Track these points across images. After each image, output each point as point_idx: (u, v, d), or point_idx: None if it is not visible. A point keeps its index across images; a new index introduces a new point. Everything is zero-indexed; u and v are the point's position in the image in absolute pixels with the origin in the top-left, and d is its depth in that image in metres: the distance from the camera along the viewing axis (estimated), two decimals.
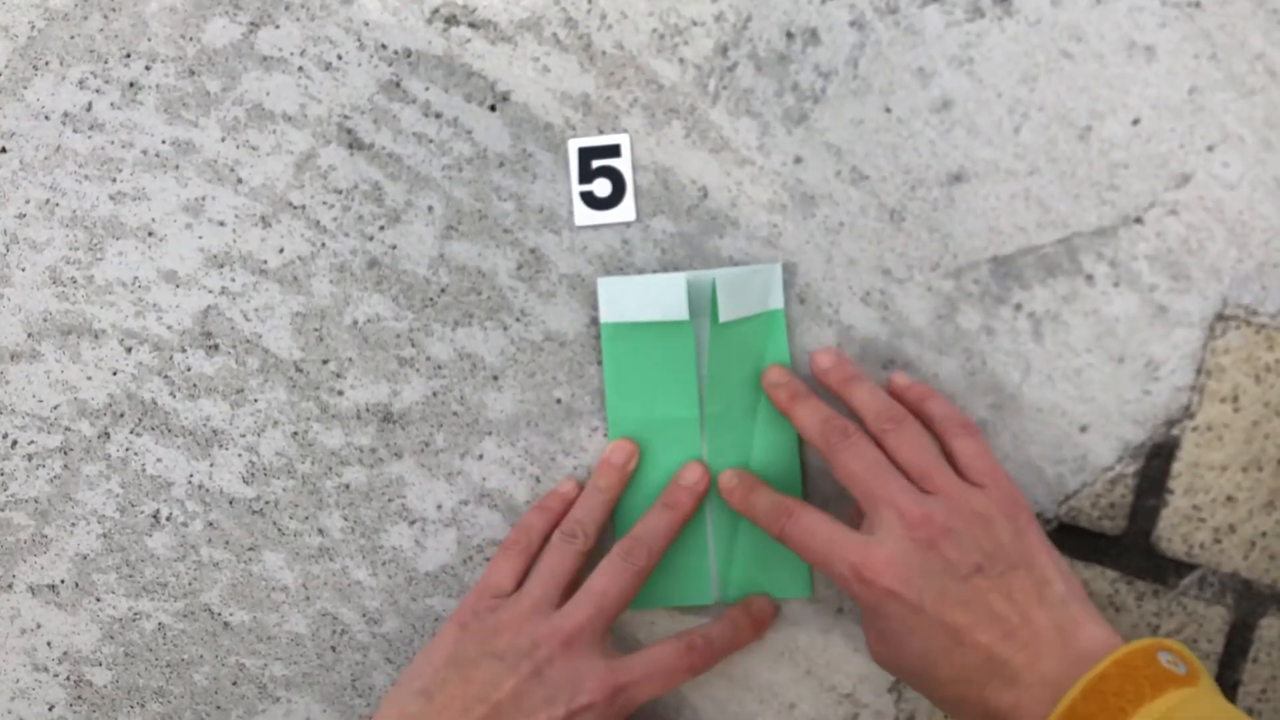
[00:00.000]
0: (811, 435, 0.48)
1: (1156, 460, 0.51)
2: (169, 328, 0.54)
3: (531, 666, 0.46)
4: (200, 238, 0.54)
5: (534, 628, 0.47)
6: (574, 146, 0.52)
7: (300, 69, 0.53)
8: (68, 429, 0.55)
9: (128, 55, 0.53)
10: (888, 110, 0.51)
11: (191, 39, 0.53)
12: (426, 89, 0.52)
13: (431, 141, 0.52)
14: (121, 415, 0.54)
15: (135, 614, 0.55)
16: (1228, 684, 0.51)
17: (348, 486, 0.54)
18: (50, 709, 0.56)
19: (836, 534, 0.45)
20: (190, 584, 0.55)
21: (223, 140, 0.53)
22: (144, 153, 0.53)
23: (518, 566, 0.51)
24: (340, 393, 0.54)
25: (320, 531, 0.54)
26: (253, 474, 0.54)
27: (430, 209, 0.53)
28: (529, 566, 0.51)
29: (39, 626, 0.56)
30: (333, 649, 0.55)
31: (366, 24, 0.52)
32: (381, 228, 0.53)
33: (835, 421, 0.47)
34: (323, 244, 0.53)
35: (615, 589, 0.48)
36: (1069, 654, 0.41)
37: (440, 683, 0.46)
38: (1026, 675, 0.41)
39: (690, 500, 0.51)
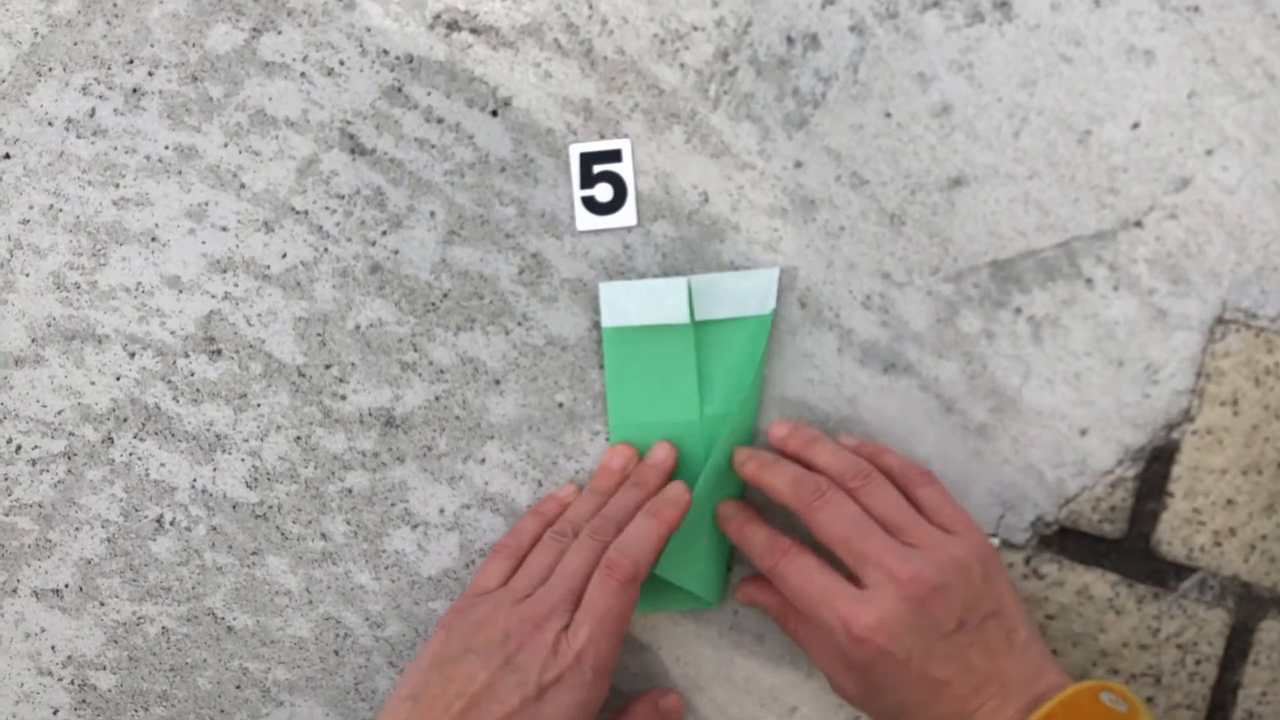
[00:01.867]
0: (786, 497, 0.48)
1: (1156, 464, 0.51)
2: (172, 333, 0.54)
3: (503, 656, 0.46)
4: (203, 243, 0.54)
5: (507, 619, 0.47)
6: (575, 151, 0.52)
7: (302, 75, 0.53)
8: (71, 434, 0.55)
9: (131, 61, 0.53)
10: (888, 115, 0.51)
11: (194, 45, 0.53)
12: (428, 94, 0.52)
13: (433, 147, 0.53)
14: (125, 420, 0.55)
15: (139, 618, 0.56)
16: (1227, 686, 0.51)
17: (350, 491, 0.54)
18: (55, 713, 0.57)
19: (831, 584, 0.46)
20: (194, 588, 0.55)
21: (225, 146, 0.53)
22: (147, 158, 0.54)
23: (505, 568, 0.51)
24: (343, 397, 0.54)
25: (323, 536, 0.54)
26: (256, 478, 0.54)
27: (432, 214, 0.53)
28: (517, 567, 0.51)
29: (43, 631, 0.56)
30: (336, 653, 0.55)
31: (368, 30, 0.53)
32: (384, 233, 0.53)
33: (807, 481, 0.48)
34: (325, 249, 0.53)
35: (584, 567, 0.48)
36: (1028, 699, 0.43)
37: (425, 685, 0.46)
38: None
39: (657, 477, 0.51)
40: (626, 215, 0.52)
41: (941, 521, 0.47)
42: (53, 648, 0.56)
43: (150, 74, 0.53)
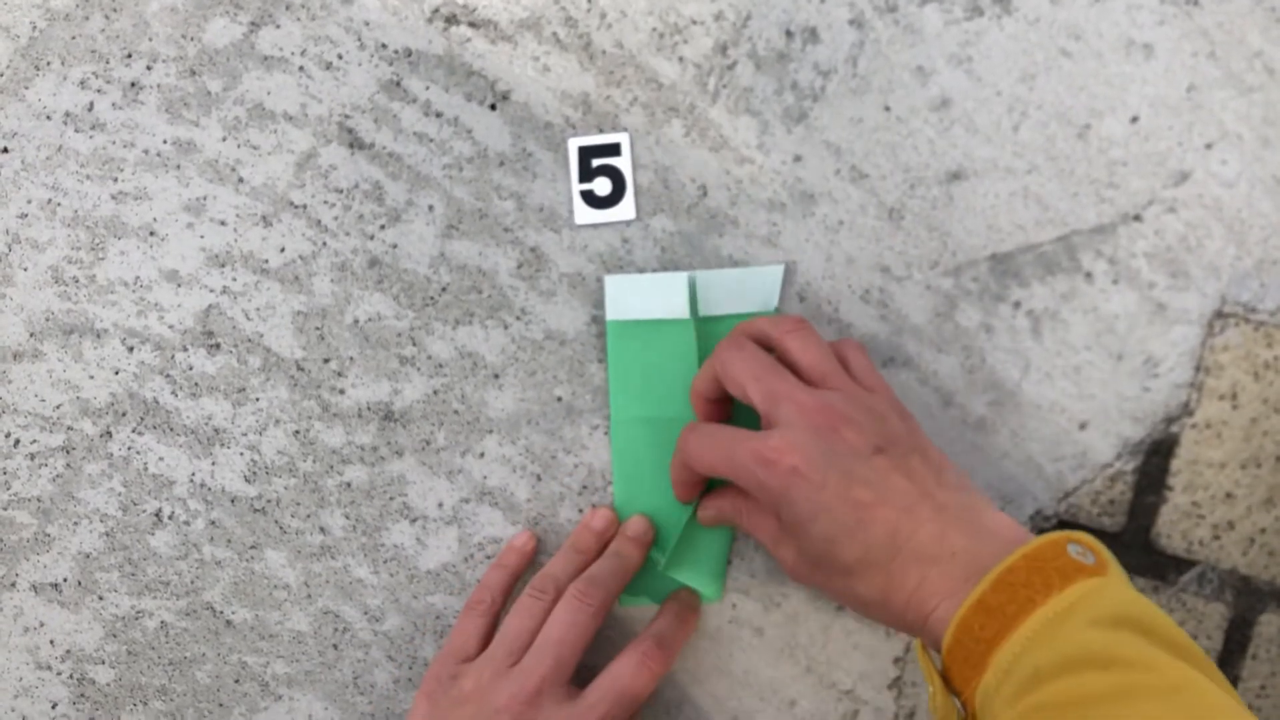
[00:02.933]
0: (714, 359, 0.47)
1: (1156, 457, 0.51)
2: (170, 327, 0.54)
3: None
4: (202, 237, 0.54)
5: (495, 693, 0.47)
6: (574, 145, 0.52)
7: (301, 68, 0.53)
8: (70, 428, 0.55)
9: (129, 55, 0.53)
10: (887, 109, 0.51)
11: (192, 39, 0.53)
12: (427, 88, 0.52)
13: (432, 141, 0.53)
14: (123, 414, 0.55)
15: (138, 612, 0.56)
16: (1227, 679, 0.51)
17: (349, 485, 0.54)
18: (53, 707, 0.57)
19: (737, 434, 0.45)
20: (192, 582, 0.55)
21: (224, 140, 0.53)
22: (145, 152, 0.54)
23: (482, 626, 0.50)
24: (341, 391, 0.54)
25: (322, 530, 0.54)
26: (254, 472, 0.54)
27: (431, 208, 0.53)
28: (494, 626, 0.51)
29: (42, 625, 0.56)
30: (334, 647, 0.55)
31: (367, 23, 0.52)
32: (382, 227, 0.53)
33: (733, 334, 0.47)
34: (324, 243, 0.53)
35: (573, 635, 0.48)
36: (976, 530, 0.41)
37: None
38: (933, 549, 0.41)
39: (639, 550, 0.51)
40: (625, 209, 0.52)
41: (865, 383, 0.46)
42: (51, 642, 0.56)
43: (148, 68, 0.53)
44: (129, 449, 0.55)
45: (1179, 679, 0.36)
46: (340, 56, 0.53)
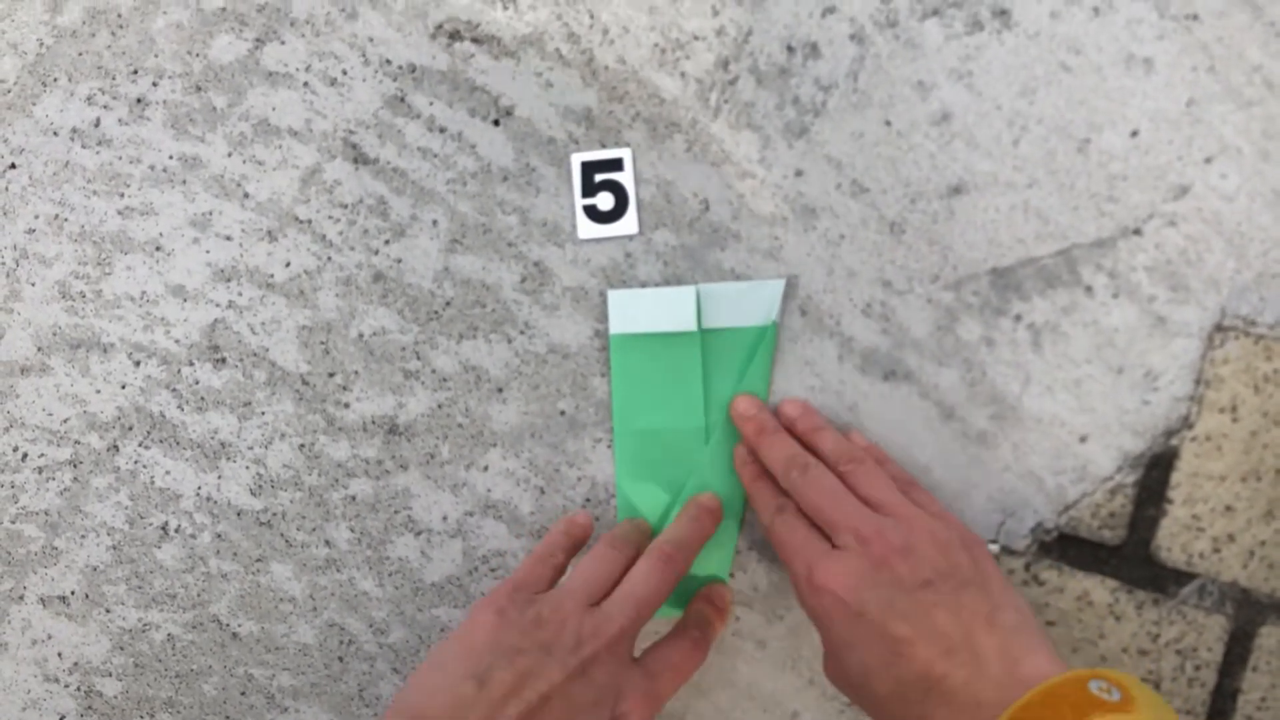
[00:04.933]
0: (775, 467, 0.49)
1: (1156, 470, 0.51)
2: (177, 341, 0.54)
3: (578, 663, 0.45)
4: (207, 252, 0.54)
5: (578, 624, 0.46)
6: (577, 160, 0.52)
7: (305, 84, 0.53)
8: (77, 442, 0.55)
9: (135, 71, 0.54)
10: (888, 123, 0.51)
11: (198, 55, 0.53)
12: (431, 104, 0.53)
13: (436, 156, 0.53)
14: (130, 428, 0.55)
15: (145, 625, 0.56)
16: (1227, 692, 0.51)
17: (354, 498, 0.54)
18: (61, 719, 0.57)
19: (810, 541, 0.46)
20: (199, 595, 0.56)
21: (229, 155, 0.54)
22: (151, 168, 0.54)
23: (549, 576, 0.49)
24: (346, 405, 0.54)
25: (327, 543, 0.55)
26: (260, 486, 0.55)
27: (435, 223, 0.53)
28: (558, 579, 0.50)
29: (50, 637, 0.56)
30: (340, 659, 0.56)
31: (371, 40, 0.53)
32: (387, 242, 0.53)
33: (799, 459, 0.48)
34: (329, 258, 0.54)
35: (655, 593, 0.48)
36: (1008, 680, 0.40)
37: (487, 668, 0.44)
38: (962, 695, 0.41)
39: (713, 520, 0.52)
40: (628, 224, 0.52)
41: (930, 510, 0.47)
42: (59, 654, 0.57)
43: (154, 84, 0.54)
44: (136, 463, 0.55)
45: None
46: (345, 72, 0.53)
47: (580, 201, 0.52)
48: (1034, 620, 0.44)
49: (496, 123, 0.53)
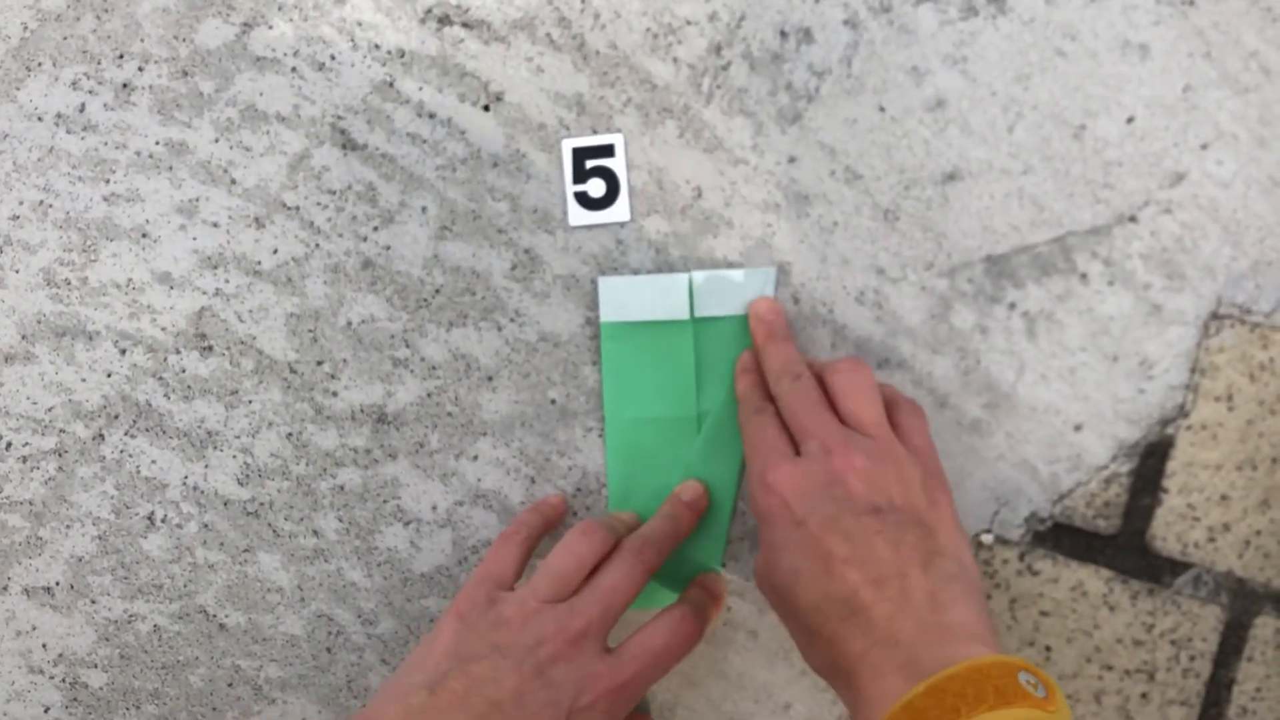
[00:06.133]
0: (770, 376, 0.49)
1: (1151, 459, 0.51)
2: (163, 329, 0.54)
3: (534, 664, 0.45)
4: (194, 239, 0.53)
5: (539, 624, 0.45)
6: (568, 146, 0.52)
7: (293, 69, 0.53)
8: (62, 431, 0.55)
9: (121, 56, 0.53)
10: (882, 109, 0.51)
11: (184, 40, 0.53)
12: (420, 89, 0.52)
13: (425, 142, 0.52)
14: (116, 417, 0.54)
15: (130, 616, 0.55)
16: (1222, 683, 0.51)
17: (342, 488, 0.54)
18: (46, 711, 0.56)
19: (775, 442, 0.46)
20: (185, 586, 0.55)
21: (216, 141, 0.53)
22: (137, 154, 0.53)
23: (518, 556, 0.49)
24: (335, 394, 0.53)
25: (315, 533, 0.54)
26: (247, 475, 0.54)
27: (424, 209, 0.53)
28: (527, 559, 0.50)
29: (34, 629, 0.56)
30: (328, 650, 0.55)
31: (359, 24, 0.52)
32: (375, 228, 0.53)
33: (793, 367, 0.48)
34: (317, 245, 0.53)
35: (624, 589, 0.47)
36: (930, 624, 0.40)
37: (441, 676, 0.44)
38: (881, 627, 0.40)
39: (691, 515, 0.51)
40: (619, 210, 0.52)
41: (911, 443, 0.46)
42: (44, 646, 0.56)
43: (140, 69, 0.53)
44: (121, 452, 0.54)
45: None
46: (333, 57, 0.52)
47: (571, 188, 0.52)
48: (975, 578, 0.43)
49: (486, 108, 0.52)
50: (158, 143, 0.53)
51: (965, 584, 0.42)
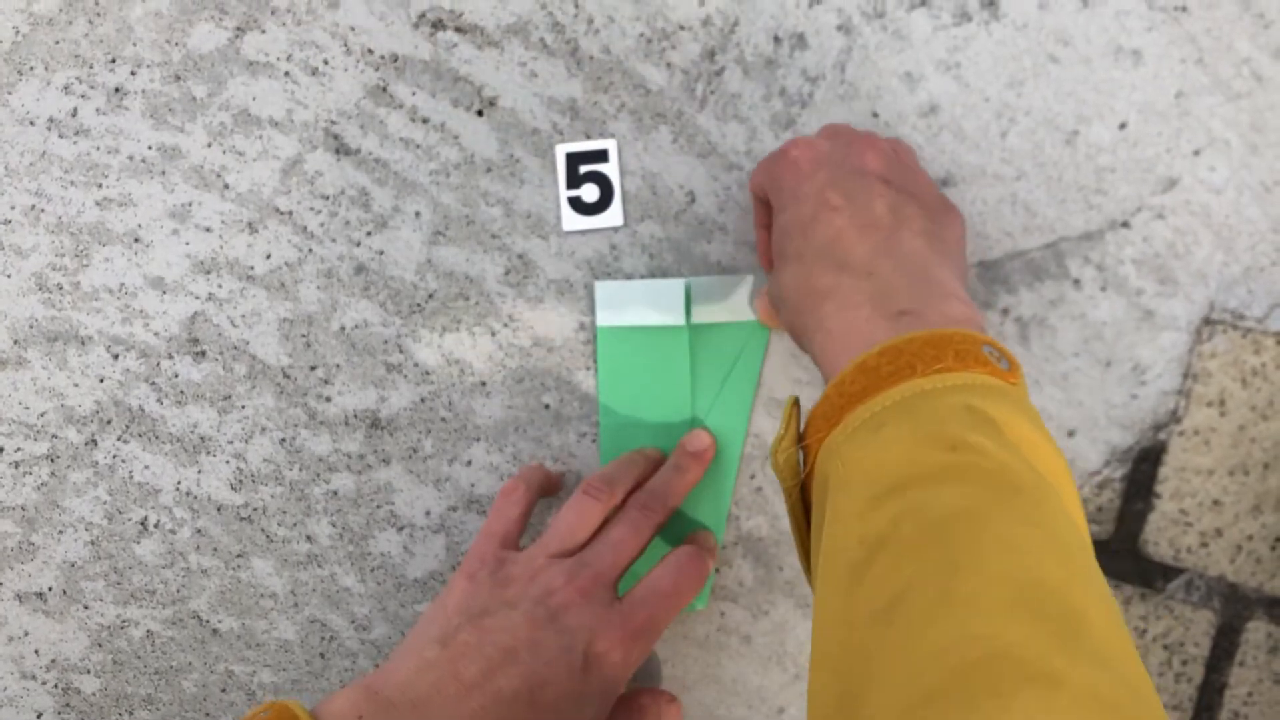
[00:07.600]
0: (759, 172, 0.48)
1: (1144, 464, 0.51)
2: (156, 334, 0.54)
3: (546, 612, 0.44)
4: (187, 244, 0.53)
5: (549, 577, 0.45)
6: (561, 151, 0.52)
7: (287, 74, 0.52)
8: (55, 436, 0.54)
9: (113, 60, 0.53)
10: (875, 115, 0.51)
11: (177, 44, 0.53)
12: (413, 94, 0.52)
13: (419, 147, 0.52)
14: (109, 422, 0.54)
15: (123, 621, 0.55)
16: (1214, 687, 0.51)
17: (336, 493, 0.54)
18: (38, 717, 0.56)
19: (801, 142, 0.46)
20: (178, 591, 0.55)
21: (209, 146, 0.53)
22: (130, 158, 0.53)
23: (520, 512, 0.49)
24: (328, 399, 0.53)
25: (308, 538, 0.54)
26: (240, 481, 0.54)
27: (418, 214, 0.52)
28: (530, 512, 0.50)
29: (27, 634, 0.56)
30: (321, 656, 0.55)
31: (353, 29, 0.52)
32: (369, 233, 0.53)
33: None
34: (310, 250, 0.53)
35: (633, 543, 0.47)
36: (911, 270, 0.40)
37: (453, 630, 0.44)
38: (860, 263, 0.40)
39: (698, 466, 0.50)
40: (613, 215, 0.52)
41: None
42: (36, 651, 0.56)
43: (133, 73, 0.53)
44: (114, 457, 0.54)
45: (1024, 481, 0.32)
46: (326, 62, 0.52)
47: (565, 193, 0.52)
48: (963, 265, 0.43)
49: (480, 113, 0.52)
50: (150, 147, 0.53)
51: (952, 259, 0.42)
